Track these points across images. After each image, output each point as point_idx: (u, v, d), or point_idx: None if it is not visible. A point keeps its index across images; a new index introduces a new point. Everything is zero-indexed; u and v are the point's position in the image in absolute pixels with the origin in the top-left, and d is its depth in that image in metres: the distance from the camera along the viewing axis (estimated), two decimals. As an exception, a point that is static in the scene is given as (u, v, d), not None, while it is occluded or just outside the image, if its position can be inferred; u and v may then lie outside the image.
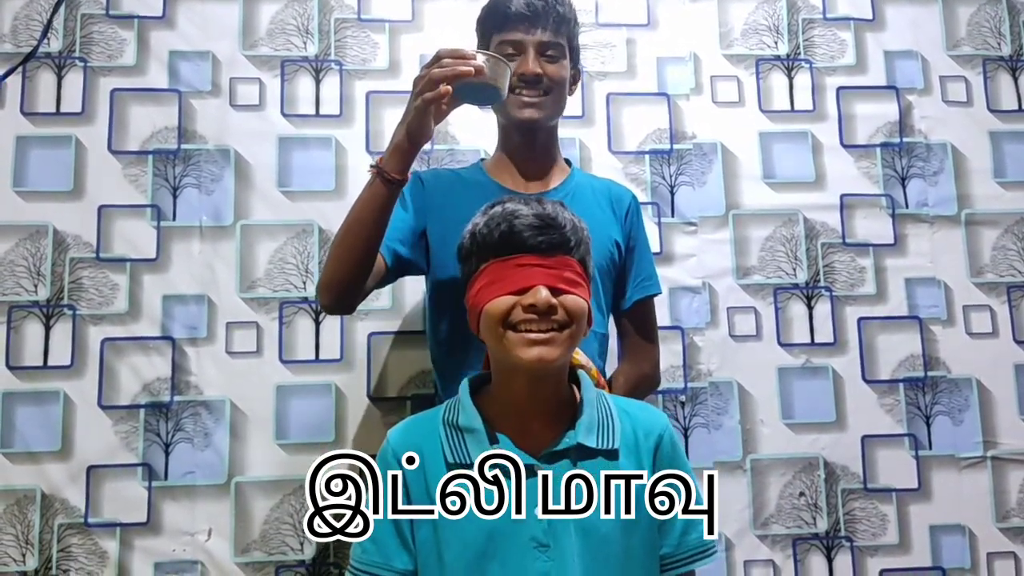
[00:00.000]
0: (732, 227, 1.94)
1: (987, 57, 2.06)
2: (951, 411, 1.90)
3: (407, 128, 1.25)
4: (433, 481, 1.11)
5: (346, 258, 1.32)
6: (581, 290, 1.10)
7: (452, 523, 1.09)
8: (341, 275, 1.33)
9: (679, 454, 1.17)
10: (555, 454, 1.10)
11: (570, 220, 1.11)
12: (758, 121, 1.99)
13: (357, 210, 1.31)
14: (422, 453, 1.13)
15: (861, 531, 1.85)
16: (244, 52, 1.90)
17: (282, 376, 1.79)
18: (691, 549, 1.14)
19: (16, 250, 1.79)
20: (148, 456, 1.74)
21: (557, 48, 1.47)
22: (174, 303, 1.79)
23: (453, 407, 1.16)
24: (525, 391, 1.12)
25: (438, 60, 1.24)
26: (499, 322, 1.08)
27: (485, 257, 1.11)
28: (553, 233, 1.09)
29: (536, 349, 1.07)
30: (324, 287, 1.36)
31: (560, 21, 1.47)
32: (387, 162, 1.27)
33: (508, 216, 1.10)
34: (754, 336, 1.90)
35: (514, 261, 1.09)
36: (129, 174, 1.83)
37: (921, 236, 1.97)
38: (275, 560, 1.73)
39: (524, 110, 1.45)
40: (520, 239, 1.08)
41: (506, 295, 1.08)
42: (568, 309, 1.08)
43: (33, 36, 1.86)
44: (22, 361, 1.75)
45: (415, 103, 1.24)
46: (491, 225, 1.11)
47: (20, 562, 1.69)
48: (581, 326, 1.11)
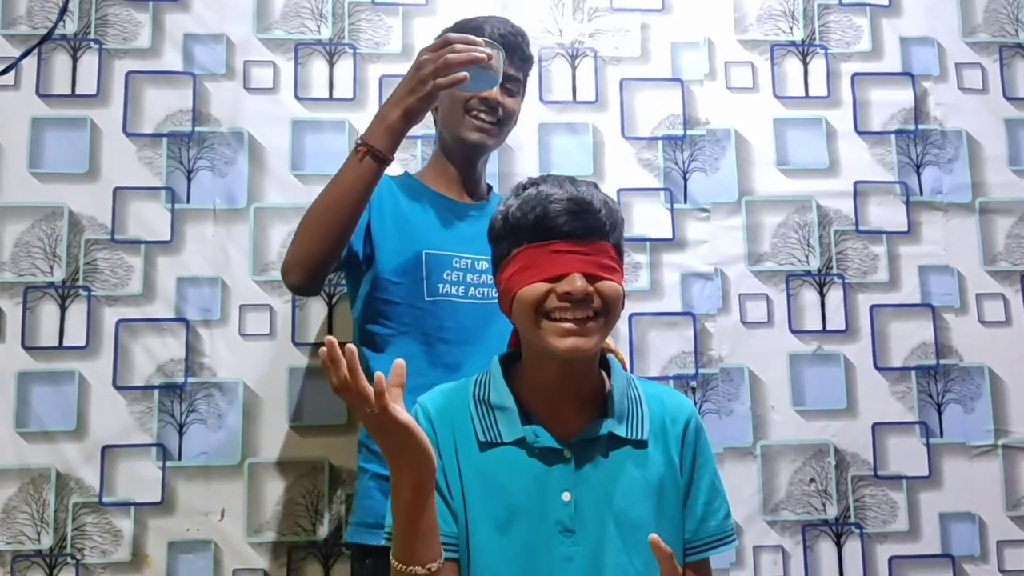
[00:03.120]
0: (745, 213, 1.93)
1: (1004, 44, 2.04)
2: (963, 399, 1.90)
3: (407, 108, 1.25)
4: (464, 456, 1.11)
5: (325, 236, 1.30)
6: (616, 275, 1.09)
7: (480, 502, 1.09)
8: (318, 253, 1.31)
9: (703, 441, 1.17)
10: (585, 442, 1.10)
11: (604, 203, 1.09)
12: (772, 107, 1.98)
13: (340, 187, 1.29)
14: (454, 425, 1.12)
15: (871, 518, 1.85)
16: (258, 35, 1.90)
17: (295, 358, 1.79)
18: (709, 536, 1.15)
19: (32, 231, 1.80)
20: (162, 437, 1.75)
21: (515, 84, 1.53)
22: (188, 285, 1.80)
23: (484, 383, 1.15)
24: (556, 376, 1.11)
25: (447, 44, 1.24)
26: (533, 309, 1.07)
27: (519, 241, 1.09)
28: (589, 218, 1.07)
29: (571, 339, 1.06)
30: (295, 265, 1.33)
31: (524, 59, 1.55)
32: (379, 140, 1.27)
33: (543, 200, 1.07)
34: (766, 323, 1.90)
35: (549, 247, 1.07)
36: (144, 156, 1.84)
37: (935, 224, 1.96)
38: (288, 540, 1.74)
39: (476, 133, 1.50)
40: (555, 224, 1.06)
41: (541, 282, 1.07)
42: (604, 296, 1.07)
43: (49, 18, 1.86)
44: (38, 341, 1.76)
45: (423, 86, 1.23)
46: (525, 208, 1.08)
47: (35, 540, 1.71)
48: (616, 313, 1.10)
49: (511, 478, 1.09)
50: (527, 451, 1.10)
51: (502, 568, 1.07)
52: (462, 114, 1.49)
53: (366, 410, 0.90)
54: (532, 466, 1.09)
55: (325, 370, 0.90)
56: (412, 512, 0.97)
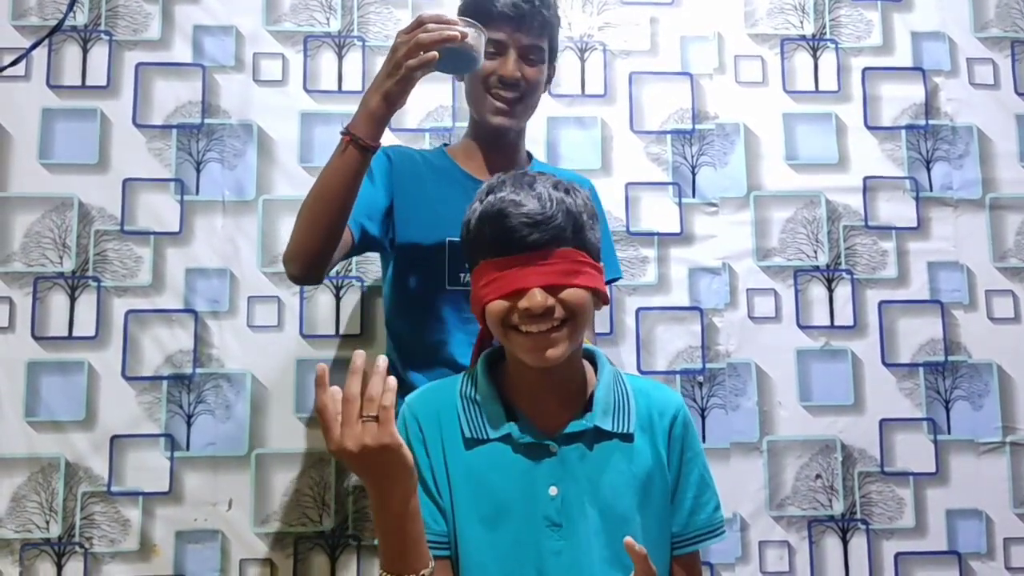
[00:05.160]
0: (753, 208, 1.93)
1: (1016, 39, 2.03)
2: (971, 396, 1.89)
3: (385, 93, 1.22)
4: (451, 453, 1.11)
5: (317, 227, 1.30)
6: (583, 277, 1.07)
7: (468, 498, 1.10)
8: (311, 244, 1.31)
9: (691, 434, 1.18)
10: (570, 436, 1.11)
11: (563, 207, 1.06)
12: (782, 102, 1.97)
13: (327, 177, 1.28)
14: (440, 423, 1.13)
15: (877, 514, 1.85)
16: (268, 27, 1.90)
17: (303, 350, 1.80)
18: (698, 529, 1.15)
19: (42, 222, 1.80)
20: (170, 427, 1.76)
21: (537, 52, 1.47)
22: (197, 276, 1.81)
23: (471, 380, 1.16)
24: (538, 375, 1.11)
25: (420, 25, 1.21)
26: (499, 323, 1.07)
27: (480, 255, 1.09)
28: (546, 228, 1.05)
29: (538, 352, 1.06)
30: (292, 256, 1.33)
31: (544, 24, 1.46)
32: (361, 128, 1.24)
33: (498, 214, 1.05)
34: (773, 318, 1.90)
35: (507, 261, 1.06)
36: (153, 148, 1.84)
37: (945, 220, 1.95)
38: (294, 531, 1.75)
39: (497, 117, 1.46)
40: (511, 239, 1.05)
41: (502, 298, 1.06)
42: (567, 304, 1.06)
43: (59, 9, 1.87)
44: (47, 331, 1.77)
45: (398, 69, 1.20)
46: (483, 221, 1.07)
47: (44, 529, 1.72)
48: (585, 316, 1.09)
49: (498, 474, 1.10)
50: (513, 447, 1.10)
51: (490, 563, 1.08)
52: (482, 92, 1.46)
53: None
54: (518, 461, 1.10)
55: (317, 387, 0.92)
56: (401, 524, 0.97)
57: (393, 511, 0.96)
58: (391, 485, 0.94)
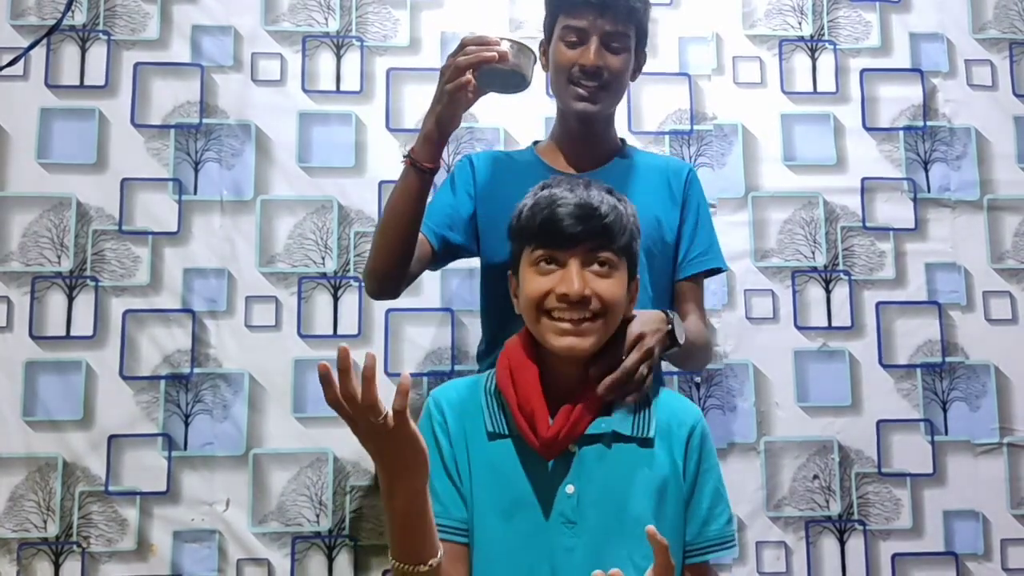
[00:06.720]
0: (751, 209, 1.93)
1: (1014, 41, 2.03)
2: (968, 397, 1.89)
3: (436, 117, 1.27)
4: (473, 444, 1.14)
5: (385, 248, 1.36)
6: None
7: (486, 490, 1.12)
8: (381, 264, 1.37)
9: (708, 447, 1.19)
10: (590, 437, 1.13)
11: (614, 207, 1.12)
12: (780, 103, 1.97)
13: (393, 200, 1.34)
14: (464, 415, 1.16)
15: (874, 515, 1.85)
16: (266, 27, 1.90)
17: (300, 350, 1.80)
18: (709, 540, 1.17)
19: (40, 221, 1.80)
20: (168, 427, 1.76)
21: (622, 39, 1.43)
22: (195, 276, 1.81)
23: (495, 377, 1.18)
24: (562, 371, 1.14)
25: (462, 48, 1.24)
26: (535, 307, 1.11)
27: (527, 242, 1.14)
28: (594, 222, 1.10)
29: (568, 339, 1.10)
30: (368, 275, 1.41)
31: (629, 11, 1.42)
32: (419, 152, 1.29)
33: (550, 203, 1.11)
34: (771, 319, 1.90)
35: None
36: (151, 148, 1.84)
37: (942, 221, 1.95)
38: (292, 531, 1.75)
39: (578, 103, 1.44)
40: (560, 228, 1.10)
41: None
42: (603, 298, 1.10)
43: (57, 9, 1.86)
44: (45, 331, 1.77)
45: (444, 94, 1.24)
46: (535, 210, 1.13)
47: (41, 528, 1.73)
48: (616, 315, 1.13)
49: (517, 469, 1.12)
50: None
51: (504, 556, 1.10)
52: (565, 83, 1.44)
53: (372, 419, 0.89)
54: (538, 458, 1.12)
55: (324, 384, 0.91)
56: (411, 515, 0.98)
57: (402, 501, 0.97)
58: (403, 474, 0.95)
